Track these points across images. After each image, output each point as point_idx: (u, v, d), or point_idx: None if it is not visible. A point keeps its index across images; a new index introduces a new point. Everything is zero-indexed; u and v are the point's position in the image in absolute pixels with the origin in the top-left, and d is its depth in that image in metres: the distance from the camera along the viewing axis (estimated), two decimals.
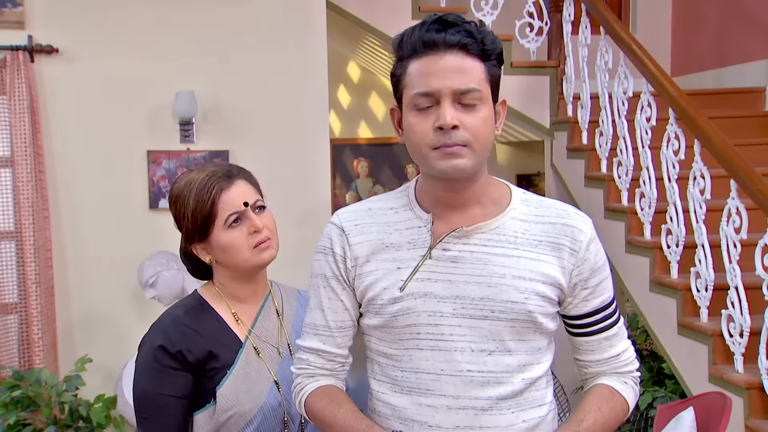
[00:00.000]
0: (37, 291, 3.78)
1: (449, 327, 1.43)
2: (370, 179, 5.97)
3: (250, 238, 1.63)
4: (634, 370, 1.56)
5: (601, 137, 4.08)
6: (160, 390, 1.60)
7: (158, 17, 3.98)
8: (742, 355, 3.05)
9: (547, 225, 1.46)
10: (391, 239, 1.48)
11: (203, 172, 1.65)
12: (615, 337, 1.53)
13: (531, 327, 1.45)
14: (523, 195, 1.52)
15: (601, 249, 1.50)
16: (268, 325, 1.71)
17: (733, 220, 3.07)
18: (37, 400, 3.55)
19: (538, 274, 1.43)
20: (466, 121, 1.36)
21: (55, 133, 3.91)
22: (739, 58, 5.08)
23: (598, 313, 1.50)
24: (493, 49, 1.40)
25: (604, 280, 1.49)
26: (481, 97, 1.38)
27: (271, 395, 1.64)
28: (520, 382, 1.45)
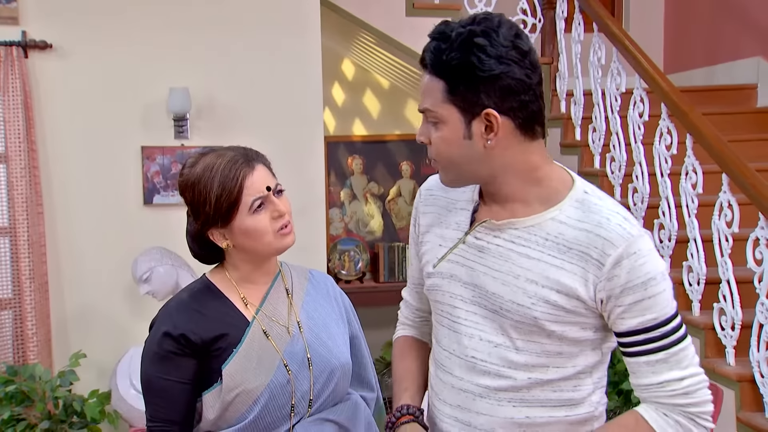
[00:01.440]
0: (31, 286, 3.78)
1: (465, 312, 1.49)
2: (365, 176, 5.97)
3: (273, 222, 1.63)
4: (686, 403, 1.38)
5: (594, 133, 4.10)
6: (164, 375, 1.62)
7: (152, 13, 3.98)
8: (733, 348, 3.08)
9: (582, 232, 1.39)
10: (448, 216, 1.55)
11: (223, 157, 1.63)
12: (661, 363, 1.38)
13: (540, 331, 1.41)
14: (583, 195, 1.43)
15: (647, 266, 1.36)
16: (277, 304, 1.71)
17: (725, 214, 3.09)
18: (31, 396, 3.55)
19: (553, 282, 1.39)
20: (432, 138, 1.42)
21: (49, 129, 3.91)
22: (730, 56, 5.10)
23: (638, 334, 1.38)
24: (454, 66, 1.34)
25: (645, 299, 1.36)
26: (438, 116, 1.39)
27: (279, 373, 1.63)
28: (524, 379, 1.44)
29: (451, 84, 1.36)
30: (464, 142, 1.39)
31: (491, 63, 1.33)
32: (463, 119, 1.38)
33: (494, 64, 1.34)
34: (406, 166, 5.99)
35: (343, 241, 5.89)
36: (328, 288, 1.84)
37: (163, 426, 1.63)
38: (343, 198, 5.96)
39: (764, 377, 2.89)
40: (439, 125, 1.40)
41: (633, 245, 1.35)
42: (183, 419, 1.64)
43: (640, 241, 1.36)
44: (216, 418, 1.63)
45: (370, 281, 5.88)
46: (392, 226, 6.00)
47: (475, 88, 1.35)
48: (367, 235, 5.98)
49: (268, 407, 1.62)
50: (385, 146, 5.97)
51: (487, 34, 1.33)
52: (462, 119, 1.38)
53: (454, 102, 1.37)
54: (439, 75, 1.37)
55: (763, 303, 2.88)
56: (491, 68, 1.33)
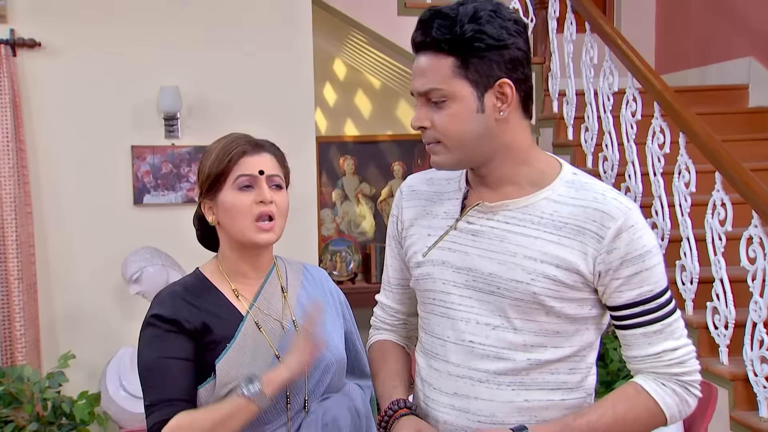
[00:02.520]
0: (20, 287, 3.74)
1: (459, 297, 1.48)
2: (357, 177, 5.95)
3: (255, 207, 1.61)
4: (681, 372, 1.42)
5: (586, 132, 4.09)
6: (162, 354, 1.58)
7: (143, 11, 3.96)
8: (727, 347, 3.07)
9: (578, 208, 1.41)
10: (434, 207, 1.55)
11: (233, 135, 1.67)
12: (657, 335, 1.41)
13: (539, 308, 1.42)
14: (572, 176, 1.46)
15: (644, 239, 1.39)
16: (271, 299, 1.70)
17: (718, 212, 3.08)
18: (19, 397, 3.51)
19: (552, 257, 1.40)
20: (435, 119, 1.40)
21: (37, 128, 3.88)
22: (722, 56, 5.11)
23: (635, 306, 1.40)
24: (468, 38, 1.35)
25: (642, 272, 1.38)
26: (446, 94, 1.38)
27: (272, 368, 1.61)
28: (524, 361, 1.44)
29: (462, 58, 1.36)
30: (476, 116, 1.39)
31: (503, 33, 1.36)
32: (476, 92, 1.38)
33: (505, 35, 1.36)
34: (397, 167, 5.98)
35: (334, 241, 5.87)
36: (322, 283, 1.82)
37: (164, 405, 1.55)
38: (334, 198, 5.95)
39: (758, 376, 2.88)
40: (448, 103, 1.39)
41: (630, 218, 1.39)
42: (185, 397, 1.57)
43: (636, 215, 1.40)
44: None
45: (362, 282, 5.86)
46: (384, 226, 5.98)
47: (489, 59, 1.36)
48: (358, 235, 5.97)
49: None
50: (377, 147, 5.95)
51: (494, 9, 1.36)
52: (474, 92, 1.38)
53: (466, 76, 1.37)
54: (447, 51, 1.36)
55: (756, 301, 2.88)
56: (503, 38, 1.36)
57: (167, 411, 1.55)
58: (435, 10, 1.39)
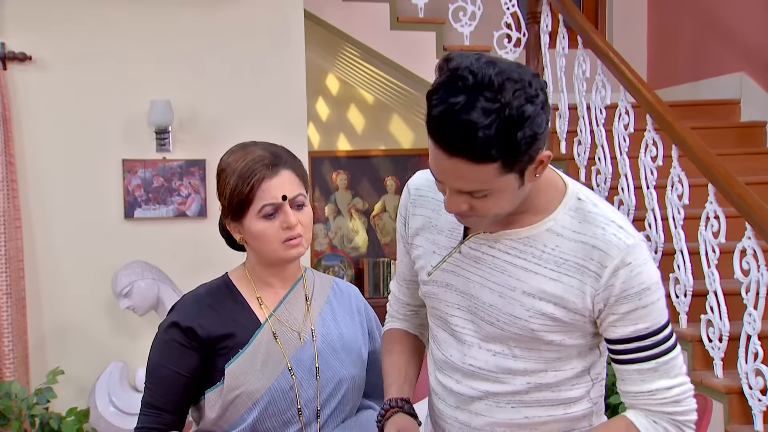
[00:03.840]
0: (8, 302, 3.71)
1: (462, 320, 1.48)
2: (349, 192, 5.94)
3: (282, 232, 1.61)
4: (674, 411, 1.39)
5: (579, 146, 4.09)
6: (165, 363, 1.64)
7: (133, 25, 3.95)
8: (721, 360, 3.05)
9: (578, 244, 1.37)
10: (439, 221, 1.51)
11: (250, 154, 1.62)
12: (651, 372, 1.38)
13: (538, 341, 1.41)
14: (577, 203, 1.40)
15: (642, 276, 1.35)
16: (293, 309, 1.70)
17: (711, 225, 3.07)
18: (6, 414, 3.47)
19: (550, 296, 1.38)
20: (476, 205, 1.31)
21: (28, 142, 3.86)
22: (713, 71, 5.13)
23: (630, 342, 1.37)
24: (515, 148, 1.21)
25: (639, 309, 1.35)
26: (491, 190, 1.28)
27: (282, 378, 1.63)
28: (523, 384, 1.44)
29: (511, 161, 1.24)
30: (517, 191, 1.31)
31: (542, 118, 1.24)
32: (519, 176, 1.28)
33: (544, 117, 1.24)
34: (390, 182, 5.96)
35: (327, 256, 5.85)
36: (350, 299, 1.82)
37: (154, 413, 1.64)
38: (327, 213, 5.92)
39: (753, 389, 2.86)
40: (491, 194, 1.29)
41: (629, 255, 1.35)
42: (174, 410, 1.64)
43: (636, 251, 1.35)
44: (216, 417, 1.63)
45: None
46: (377, 241, 5.96)
47: (534, 149, 1.25)
48: (351, 250, 5.94)
49: (267, 411, 1.61)
50: (370, 161, 5.94)
51: (528, 97, 1.21)
52: (517, 176, 1.28)
53: (511, 170, 1.26)
54: (491, 159, 1.22)
55: (750, 314, 2.86)
56: (543, 122, 1.24)
57: (155, 419, 1.64)
58: (466, 119, 1.19)
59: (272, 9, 4.11)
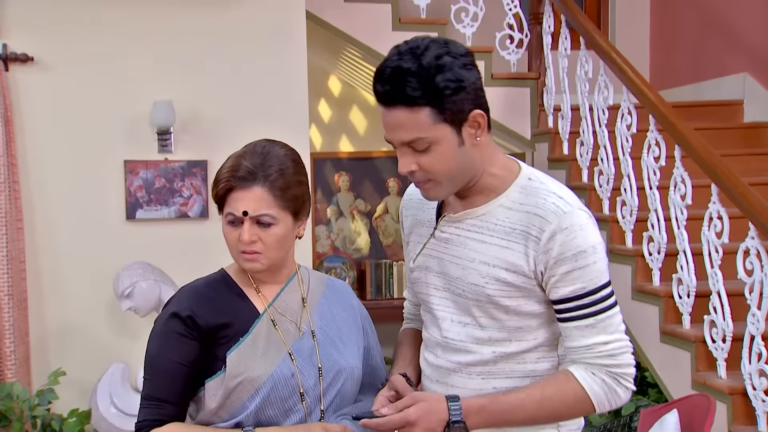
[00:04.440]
0: (10, 303, 3.70)
1: (438, 299, 1.65)
2: (352, 193, 5.92)
3: (239, 243, 1.65)
4: (611, 364, 1.51)
5: (582, 147, 4.09)
6: (166, 354, 1.65)
7: (135, 26, 3.94)
8: (725, 361, 3.04)
9: (523, 214, 1.54)
10: (422, 216, 1.72)
11: (236, 160, 1.64)
12: (589, 329, 1.52)
13: (497, 308, 1.56)
14: (527, 181, 1.58)
15: (577, 240, 1.50)
16: (290, 302, 1.73)
17: (715, 225, 3.06)
18: (8, 415, 3.46)
19: (502, 261, 1.54)
20: (422, 162, 1.51)
21: (29, 143, 3.85)
22: (716, 72, 5.12)
23: (569, 301, 1.52)
24: (441, 88, 1.44)
25: (575, 270, 1.50)
26: (430, 140, 1.48)
27: (283, 365, 1.65)
28: (489, 354, 1.59)
29: (438, 106, 1.46)
30: (459, 150, 1.51)
31: (463, 72, 1.47)
32: (455, 130, 1.50)
33: (467, 74, 1.48)
34: (393, 183, 5.95)
35: (329, 258, 5.83)
36: (344, 296, 1.85)
37: (156, 405, 1.64)
38: (329, 215, 5.91)
39: (756, 390, 2.84)
40: (432, 147, 1.49)
41: (565, 221, 1.50)
42: (176, 401, 1.65)
43: (572, 217, 1.51)
44: (217, 407, 1.64)
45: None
46: (379, 243, 5.95)
47: (460, 99, 1.48)
48: (353, 252, 5.93)
49: (270, 398, 1.63)
50: (372, 163, 5.93)
51: (447, 51, 1.47)
52: (453, 131, 1.49)
53: (444, 119, 1.48)
54: (422, 104, 1.45)
55: (754, 314, 2.85)
56: (467, 77, 1.48)
57: (157, 411, 1.64)
58: (395, 66, 1.46)
59: (274, 10, 4.10)
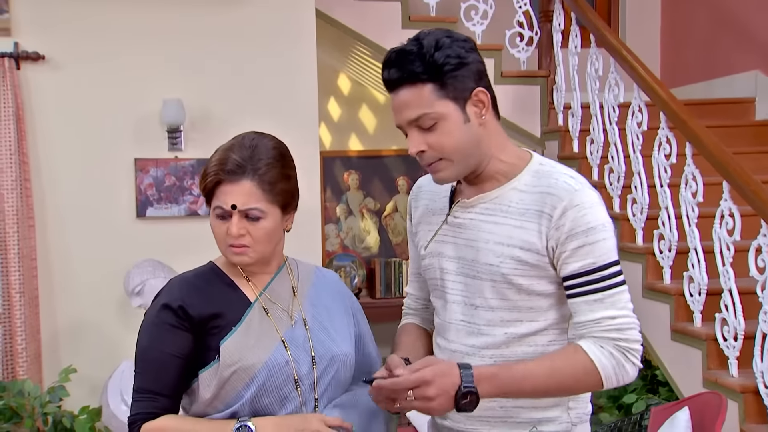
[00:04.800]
0: (21, 301, 3.72)
1: (452, 283, 1.68)
2: (361, 192, 5.93)
3: (227, 237, 1.64)
4: (618, 338, 1.53)
5: (592, 145, 4.07)
6: (158, 346, 1.63)
7: (146, 24, 3.96)
8: (736, 359, 3.02)
9: (536, 194, 1.59)
10: (434, 205, 1.76)
11: (224, 153, 1.64)
12: (597, 303, 1.55)
13: (510, 287, 1.59)
14: (539, 167, 1.63)
15: (588, 216, 1.54)
16: (281, 291, 1.73)
17: (726, 222, 3.05)
18: (19, 412, 3.48)
19: (517, 240, 1.58)
20: (431, 141, 1.57)
21: (40, 141, 3.87)
22: (727, 70, 5.09)
23: (579, 277, 1.55)
24: (441, 63, 1.53)
25: (586, 245, 1.54)
26: (435, 116, 1.55)
27: (277, 352, 1.64)
28: (501, 335, 1.62)
29: (440, 81, 1.54)
30: (465, 127, 1.57)
31: (462, 52, 1.56)
32: (458, 106, 1.56)
33: (466, 53, 1.56)
34: (402, 182, 5.95)
35: (339, 257, 5.84)
36: (334, 284, 1.85)
37: (149, 398, 1.62)
38: (338, 214, 5.92)
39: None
40: (438, 124, 1.56)
41: (576, 198, 1.55)
42: (169, 393, 1.64)
43: (583, 194, 1.56)
44: (212, 397, 1.62)
45: (367, 297, 5.82)
46: (389, 241, 5.95)
47: (461, 75, 1.56)
48: (363, 250, 5.93)
49: (265, 386, 1.61)
50: (382, 161, 5.93)
51: (448, 35, 1.57)
52: (457, 107, 1.56)
53: (447, 95, 1.55)
54: (424, 80, 1.54)
55: (766, 312, 2.83)
56: (465, 56, 1.56)
57: (150, 404, 1.62)
58: (398, 49, 1.57)
59: (284, 8, 4.11)
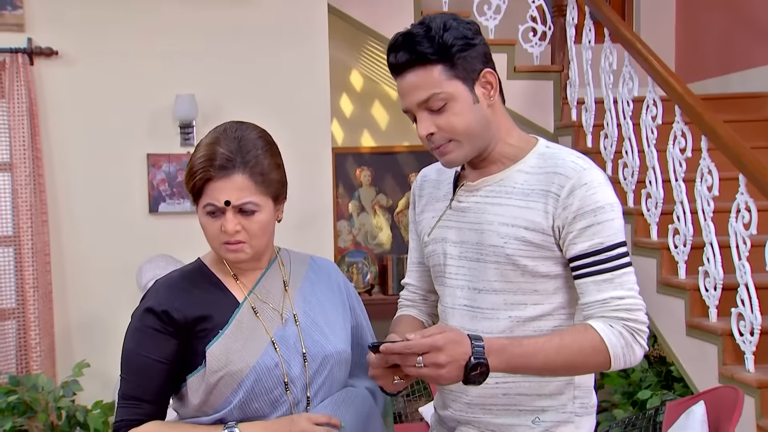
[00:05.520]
0: (35, 296, 3.73)
1: (455, 267, 1.66)
2: (373, 188, 5.92)
3: (221, 234, 1.57)
4: (627, 318, 1.51)
5: (606, 140, 4.04)
6: (142, 351, 1.57)
7: (159, 20, 3.96)
8: (753, 354, 2.99)
9: (543, 175, 1.58)
10: (438, 193, 1.75)
11: (210, 148, 1.55)
12: (606, 283, 1.53)
13: (515, 269, 1.58)
14: (545, 149, 1.63)
15: (596, 196, 1.52)
16: (271, 288, 1.66)
17: (743, 216, 3.01)
18: (33, 406, 3.48)
19: (522, 221, 1.56)
20: (440, 122, 1.56)
21: (54, 137, 3.88)
22: (743, 65, 5.04)
23: (587, 257, 1.53)
24: (449, 44, 1.52)
25: (594, 225, 1.52)
26: (444, 96, 1.55)
27: (266, 355, 1.57)
28: (506, 319, 1.60)
29: (449, 61, 1.54)
30: (474, 107, 1.57)
31: (469, 33, 1.56)
32: (467, 87, 1.56)
33: (471, 35, 1.56)
34: (414, 178, 5.94)
35: (351, 253, 5.84)
36: (330, 274, 1.78)
37: (133, 404, 1.58)
38: (351, 210, 5.92)
39: None
40: (448, 104, 1.55)
41: (584, 177, 1.53)
42: (154, 399, 1.59)
43: (590, 174, 1.54)
44: (201, 403, 1.57)
45: (379, 294, 5.82)
46: (401, 238, 5.94)
47: (469, 56, 1.56)
48: (375, 247, 5.92)
49: (254, 391, 1.56)
50: (394, 158, 5.93)
51: (454, 18, 1.57)
52: (466, 88, 1.56)
53: (456, 75, 1.55)
54: (433, 61, 1.53)
55: None
56: (472, 37, 1.56)
57: (134, 410, 1.58)
58: (406, 32, 1.56)
59: (296, 4, 4.10)
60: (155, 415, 1.59)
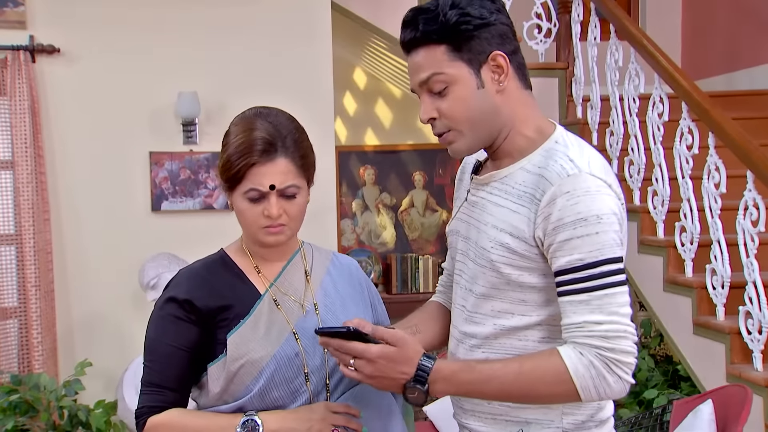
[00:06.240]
0: (37, 294, 3.72)
1: (461, 263, 1.58)
2: (377, 187, 5.90)
3: (263, 218, 1.57)
4: (602, 346, 1.34)
5: (611, 137, 4.01)
6: (164, 339, 1.59)
7: (161, 17, 3.94)
8: (761, 353, 2.96)
9: (536, 176, 1.43)
10: (466, 180, 1.66)
11: (251, 133, 1.54)
12: (582, 305, 1.36)
13: (499, 277, 1.45)
14: (552, 144, 1.46)
15: (579, 206, 1.36)
16: (293, 280, 1.67)
17: (750, 213, 2.98)
18: (35, 405, 3.47)
19: (508, 226, 1.44)
20: (442, 107, 1.46)
21: (56, 134, 3.87)
22: (749, 62, 5.01)
23: (566, 273, 1.37)
24: (454, 22, 1.42)
25: (573, 239, 1.35)
26: (446, 79, 1.44)
27: (287, 344, 1.58)
28: (491, 326, 1.49)
29: (454, 42, 1.43)
30: (478, 93, 1.45)
31: (484, 12, 1.43)
32: (472, 70, 1.44)
33: (486, 13, 1.43)
34: (418, 177, 5.92)
35: (354, 252, 5.81)
36: (351, 271, 1.78)
37: (155, 391, 1.58)
38: (354, 209, 5.89)
39: None
40: (450, 87, 1.44)
41: (567, 185, 1.37)
42: (176, 387, 1.59)
43: (575, 181, 1.37)
44: (221, 391, 1.58)
45: (383, 293, 5.79)
46: (405, 237, 5.91)
47: (478, 36, 1.43)
48: (379, 246, 5.90)
49: (274, 379, 1.56)
50: (398, 156, 5.90)
51: None
52: (471, 71, 1.44)
53: (460, 57, 1.43)
54: (437, 40, 1.43)
55: None
56: (486, 16, 1.43)
57: (156, 397, 1.58)
58: (416, 8, 1.46)
59: (299, 1, 4.08)
60: (177, 402, 1.60)
